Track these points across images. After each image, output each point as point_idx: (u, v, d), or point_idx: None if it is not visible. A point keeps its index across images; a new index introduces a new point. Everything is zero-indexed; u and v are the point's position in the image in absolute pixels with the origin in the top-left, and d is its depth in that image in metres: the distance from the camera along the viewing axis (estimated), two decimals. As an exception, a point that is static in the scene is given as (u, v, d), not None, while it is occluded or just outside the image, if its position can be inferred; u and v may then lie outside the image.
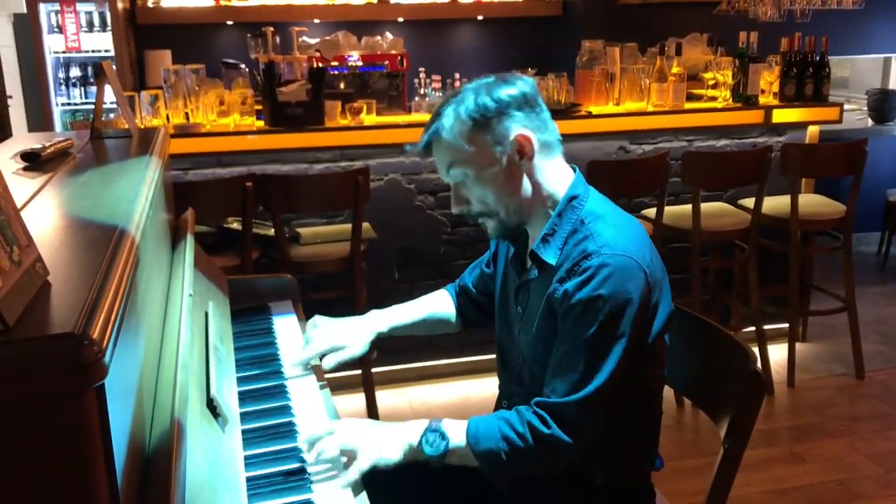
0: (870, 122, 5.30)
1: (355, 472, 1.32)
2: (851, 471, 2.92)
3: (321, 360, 1.64)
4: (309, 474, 1.29)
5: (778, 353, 3.69)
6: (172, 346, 1.17)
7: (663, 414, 1.59)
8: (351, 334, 1.67)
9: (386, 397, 3.45)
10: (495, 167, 1.44)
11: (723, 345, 1.48)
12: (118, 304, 0.76)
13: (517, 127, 1.43)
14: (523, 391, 1.53)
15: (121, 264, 0.86)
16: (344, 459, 1.34)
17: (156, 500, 0.81)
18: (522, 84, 1.47)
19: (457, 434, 1.41)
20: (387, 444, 1.38)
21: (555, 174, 1.49)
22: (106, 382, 0.69)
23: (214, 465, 1.09)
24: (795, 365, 3.59)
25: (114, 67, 4.63)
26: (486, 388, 3.62)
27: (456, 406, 3.39)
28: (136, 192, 1.20)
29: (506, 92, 1.43)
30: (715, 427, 1.51)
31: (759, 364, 1.39)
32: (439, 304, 1.80)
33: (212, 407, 1.19)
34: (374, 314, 1.74)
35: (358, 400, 3.34)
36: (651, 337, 1.44)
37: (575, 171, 1.53)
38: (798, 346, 3.72)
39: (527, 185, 1.46)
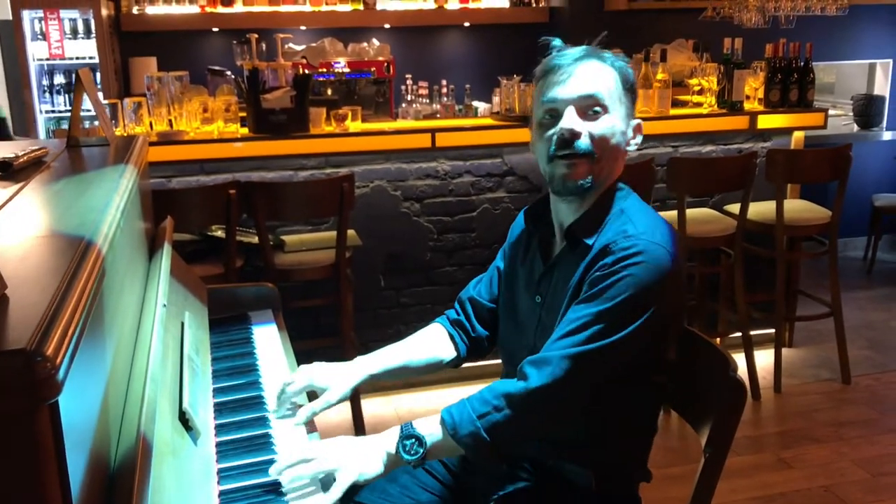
0: (855, 127, 5.33)
1: (337, 491, 1.28)
2: (838, 476, 2.91)
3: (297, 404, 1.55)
4: (282, 485, 1.27)
5: (764, 359, 3.69)
6: (144, 359, 1.15)
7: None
8: (334, 378, 1.57)
9: (372, 405, 3.43)
10: (622, 125, 1.47)
11: (703, 352, 1.47)
12: (77, 318, 0.75)
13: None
14: None
15: (84, 277, 0.84)
16: (321, 475, 1.31)
17: (117, 519, 0.79)
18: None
19: (432, 430, 1.40)
20: (365, 459, 1.35)
21: (621, 169, 1.53)
22: (62, 399, 0.68)
23: (184, 479, 1.07)
24: (782, 370, 3.59)
25: (95, 75, 4.61)
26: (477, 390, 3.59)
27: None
28: (108, 202, 1.18)
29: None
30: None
31: (739, 372, 1.37)
32: (433, 339, 1.72)
33: (184, 420, 1.17)
34: (364, 357, 1.65)
35: (343, 409, 3.32)
36: (667, 335, 1.44)
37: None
38: (784, 351, 3.73)
39: (620, 163, 1.50)
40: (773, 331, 3.71)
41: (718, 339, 3.70)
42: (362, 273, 3.47)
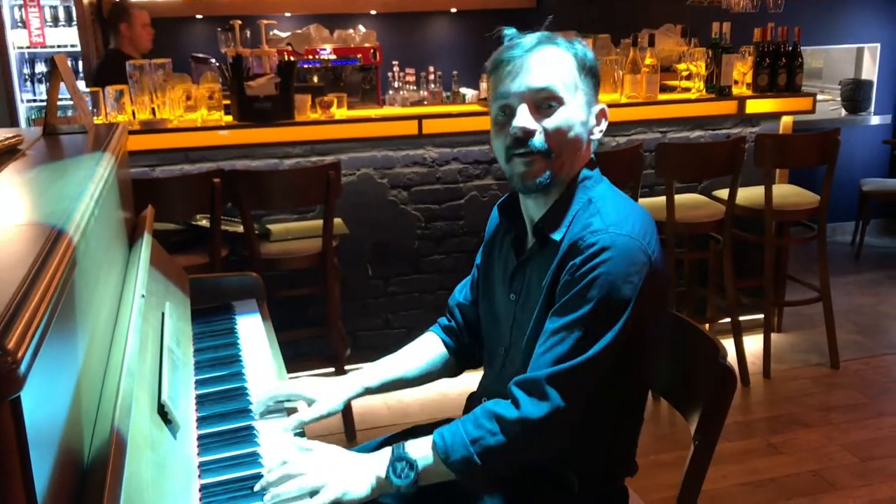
0: (843, 112, 5.33)
1: (320, 501, 1.25)
2: (827, 461, 2.91)
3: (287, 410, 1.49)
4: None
5: (753, 344, 3.69)
6: (121, 350, 1.12)
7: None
8: (325, 389, 1.51)
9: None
10: (580, 115, 1.40)
11: (692, 339, 1.45)
12: (43, 310, 0.72)
13: (597, 98, 1.45)
14: (500, 386, 1.47)
15: (52, 266, 0.81)
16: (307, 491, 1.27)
17: (87, 516, 0.76)
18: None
19: (423, 453, 1.33)
20: (353, 479, 1.29)
21: (587, 156, 1.46)
22: (24, 395, 0.65)
23: (163, 473, 1.05)
24: (771, 355, 3.59)
25: (77, 63, 4.55)
26: (463, 384, 3.59)
27: (432, 403, 3.35)
28: (82, 190, 1.15)
29: (595, 59, 1.45)
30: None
31: (728, 358, 1.36)
32: (428, 348, 1.67)
33: (163, 413, 1.15)
34: (358, 371, 1.60)
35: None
36: (651, 330, 1.39)
37: (594, 159, 1.49)
38: (773, 336, 3.72)
39: (583, 154, 1.44)
40: (761, 316, 3.70)
41: (707, 325, 3.69)
42: (349, 262, 3.44)
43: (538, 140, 1.37)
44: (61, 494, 0.77)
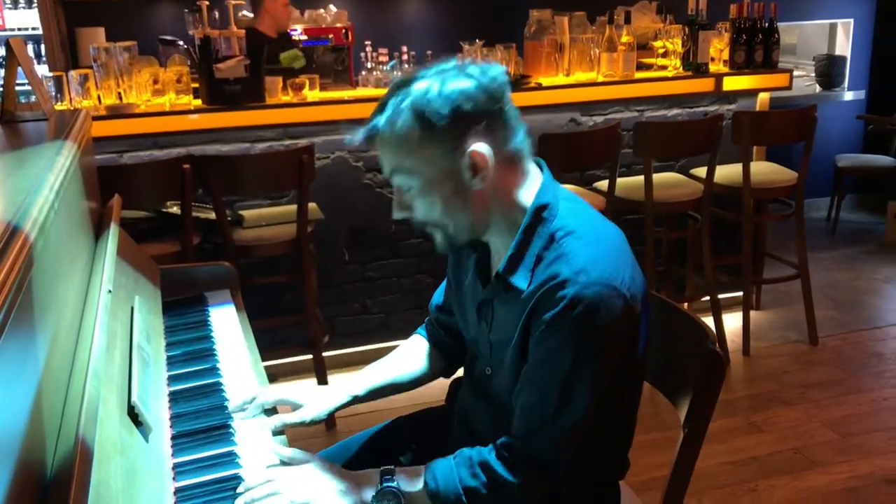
0: (818, 87, 5.33)
1: None
2: (808, 438, 2.92)
3: (268, 414, 1.41)
4: (244, 479, 1.20)
5: (732, 322, 3.69)
6: (87, 350, 1.06)
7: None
8: (311, 396, 1.45)
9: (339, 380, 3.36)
10: (445, 184, 1.24)
11: (680, 323, 1.41)
12: (-5, 316, 0.66)
13: (474, 139, 1.22)
14: (485, 407, 1.42)
15: (5, 269, 0.75)
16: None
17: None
18: (487, 77, 1.22)
19: (413, 488, 1.26)
20: (337, 501, 1.24)
21: (519, 182, 1.29)
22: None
23: (135, 479, 0.99)
24: (750, 333, 3.59)
25: (39, 46, 4.41)
26: (442, 368, 3.57)
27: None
28: (40, 182, 1.09)
29: (464, 90, 1.20)
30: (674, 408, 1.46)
31: (717, 343, 1.33)
32: (416, 352, 1.60)
33: (133, 415, 1.09)
34: (346, 380, 1.52)
35: (309, 385, 3.25)
36: (632, 361, 1.32)
37: (542, 169, 1.33)
38: (752, 314, 3.72)
39: (482, 202, 1.27)
40: (740, 294, 3.70)
41: (686, 304, 3.68)
42: (325, 247, 3.38)
43: (418, 218, 1.30)
44: (21, 512, 0.71)
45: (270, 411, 1.42)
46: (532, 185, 1.30)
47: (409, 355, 1.59)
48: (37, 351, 0.87)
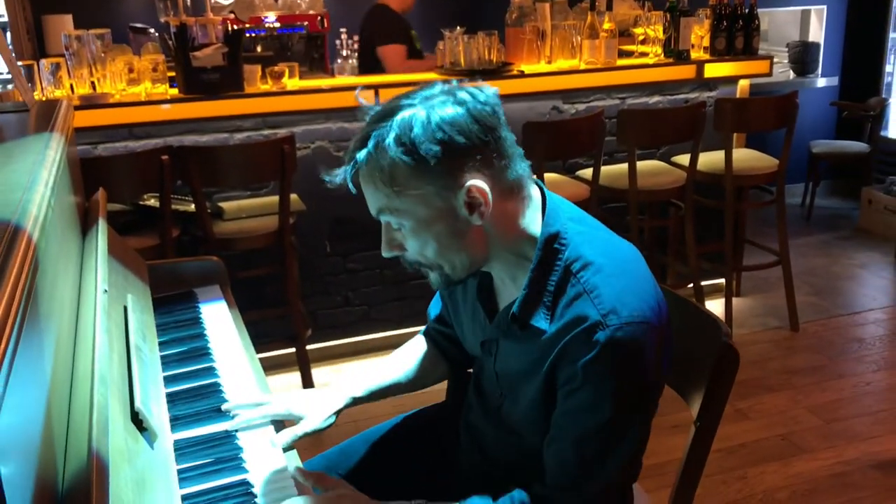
0: (792, 74, 5.36)
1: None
2: (793, 424, 2.93)
3: (275, 433, 1.33)
4: (252, 485, 1.16)
5: (713, 309, 3.68)
6: (88, 354, 1.01)
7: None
8: (313, 404, 1.37)
9: (322, 375, 3.32)
10: (439, 223, 1.13)
11: (691, 316, 1.39)
12: (11, 324, 0.61)
13: (470, 173, 1.10)
14: (497, 430, 1.36)
15: (13, 271, 0.70)
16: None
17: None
18: (478, 103, 1.11)
19: None
20: None
21: (521, 210, 1.18)
22: (-2, 430, 0.55)
23: (144, 488, 0.95)
24: (733, 320, 3.60)
25: (5, 34, 4.28)
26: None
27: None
28: (35, 177, 1.03)
29: (454, 119, 1.08)
30: (683, 402, 1.44)
31: (731, 336, 1.31)
32: (418, 352, 1.53)
33: (137, 420, 1.04)
34: (346, 381, 1.45)
35: (293, 378, 3.20)
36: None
37: (544, 192, 1.23)
38: (734, 301, 3.74)
39: (481, 238, 1.16)
40: (721, 281, 3.71)
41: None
42: (307, 239, 3.32)
43: (410, 260, 1.20)
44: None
45: (278, 424, 1.35)
46: (535, 211, 1.20)
47: (411, 357, 1.52)
48: (44, 360, 0.82)
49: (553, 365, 1.16)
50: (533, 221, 1.19)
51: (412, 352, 1.53)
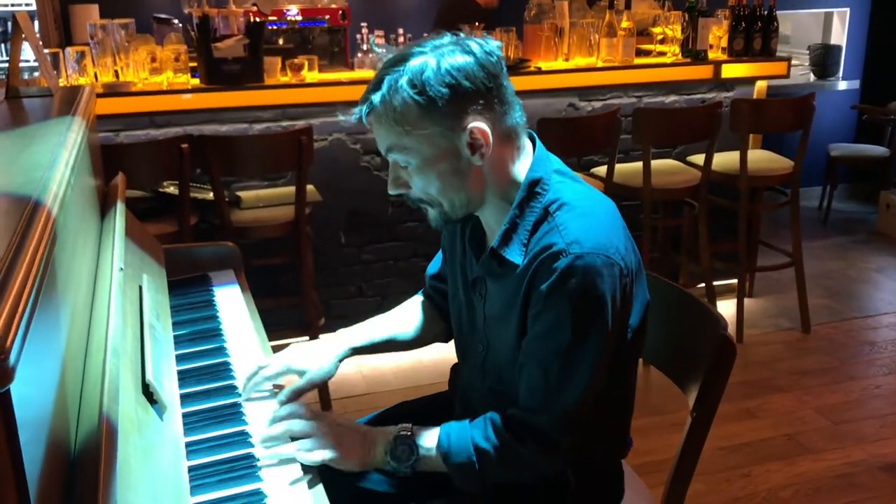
0: (812, 77, 5.34)
1: (315, 458, 1.22)
2: (801, 425, 2.94)
3: (275, 389, 1.41)
4: (258, 459, 1.20)
5: (726, 309, 3.70)
6: (102, 328, 1.06)
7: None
8: (313, 357, 1.43)
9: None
10: (443, 161, 1.23)
11: (691, 310, 1.42)
12: (28, 292, 0.65)
13: (473, 116, 1.21)
14: (483, 385, 1.43)
15: (33, 243, 0.74)
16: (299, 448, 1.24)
17: (82, 512, 0.71)
18: (483, 52, 1.21)
19: (427, 444, 1.30)
20: (352, 451, 1.28)
21: (514, 157, 1.29)
22: (14, 388, 0.59)
23: (151, 457, 0.99)
24: (744, 321, 3.61)
25: (33, 23, 4.36)
26: (439, 352, 3.59)
27: (408, 371, 3.32)
28: (56, 157, 1.08)
29: (462, 67, 1.19)
30: (680, 391, 1.47)
31: (729, 329, 1.33)
32: (418, 310, 1.61)
33: (148, 393, 1.09)
34: (346, 330, 1.52)
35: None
36: (629, 332, 1.32)
37: (535, 142, 1.33)
38: (746, 301, 3.74)
39: (479, 179, 1.27)
40: (733, 281, 3.72)
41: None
42: (322, 230, 3.37)
43: (413, 197, 1.31)
44: (52, 491, 0.71)
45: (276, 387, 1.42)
46: (526, 159, 1.31)
47: (410, 314, 1.59)
48: (60, 330, 0.86)
49: (525, 297, 1.26)
50: (523, 170, 1.30)
51: (411, 309, 1.61)
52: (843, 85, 5.45)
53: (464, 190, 1.27)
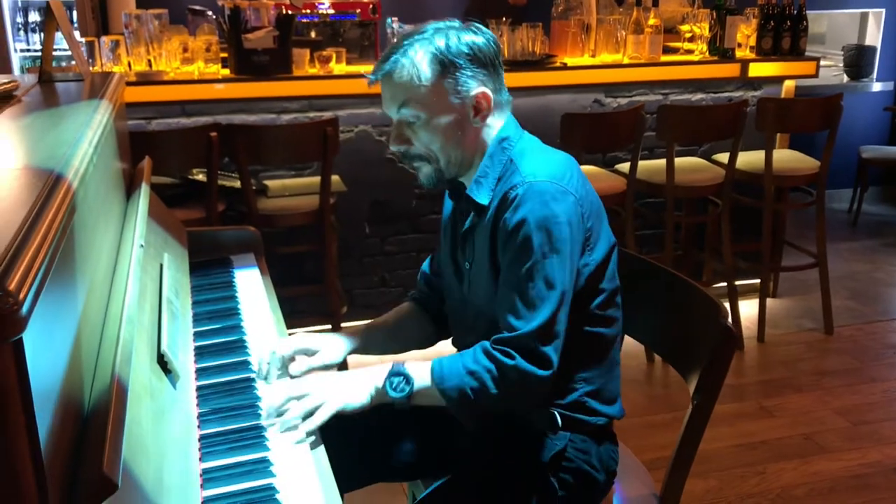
0: (845, 78, 5.29)
1: (320, 418, 1.30)
2: (818, 425, 2.94)
3: (289, 365, 1.49)
4: (265, 429, 1.25)
5: (749, 309, 3.70)
6: (119, 301, 1.11)
7: (634, 369, 1.55)
8: (327, 340, 1.57)
9: (358, 357, 3.40)
10: (449, 117, 1.40)
11: (693, 299, 1.44)
12: (44, 253, 0.70)
13: (479, 83, 1.41)
14: (477, 339, 1.48)
15: (52, 210, 0.79)
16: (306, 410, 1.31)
17: (89, 462, 0.76)
18: (488, 38, 1.44)
19: (421, 375, 1.40)
20: (352, 391, 1.38)
21: (497, 128, 1.48)
22: (26, 337, 0.64)
23: (163, 421, 1.04)
24: (766, 320, 3.60)
25: (70, 13, 4.47)
26: (445, 348, 3.64)
27: (427, 358, 3.36)
28: (80, 136, 1.13)
29: (474, 42, 1.40)
30: (685, 383, 1.49)
31: (730, 319, 1.35)
32: (405, 318, 1.72)
33: (163, 363, 1.14)
34: (352, 330, 1.67)
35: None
36: (592, 266, 1.43)
37: (507, 115, 1.51)
38: (769, 301, 3.73)
39: (474, 141, 1.45)
40: (757, 281, 3.71)
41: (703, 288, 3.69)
42: (347, 220, 3.42)
43: (413, 150, 1.44)
44: (63, 440, 0.76)
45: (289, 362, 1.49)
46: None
47: (404, 319, 1.70)
48: (76, 294, 0.92)
49: (492, 234, 1.41)
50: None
51: (404, 315, 1.71)
52: (877, 86, 5.38)
53: (461, 148, 1.43)
